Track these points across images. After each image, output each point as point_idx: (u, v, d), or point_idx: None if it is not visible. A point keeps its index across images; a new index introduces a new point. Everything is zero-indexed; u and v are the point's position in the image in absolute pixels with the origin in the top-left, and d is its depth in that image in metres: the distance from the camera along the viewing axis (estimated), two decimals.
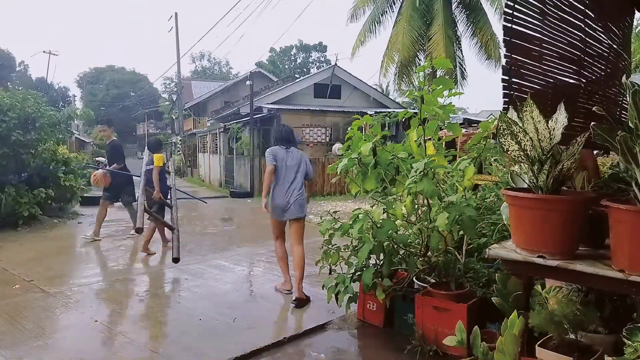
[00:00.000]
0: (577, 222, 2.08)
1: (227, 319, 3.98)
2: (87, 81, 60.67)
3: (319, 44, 55.45)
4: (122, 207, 8.19)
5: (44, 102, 9.11)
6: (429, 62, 3.52)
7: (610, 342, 2.43)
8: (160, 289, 4.87)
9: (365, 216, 3.42)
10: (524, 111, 2.10)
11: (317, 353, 3.35)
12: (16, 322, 3.88)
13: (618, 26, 3.07)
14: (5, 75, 42.94)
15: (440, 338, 3.10)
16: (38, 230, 8.27)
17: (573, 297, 2.59)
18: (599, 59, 2.92)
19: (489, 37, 16.93)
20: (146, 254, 6.32)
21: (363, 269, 3.58)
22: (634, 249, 1.82)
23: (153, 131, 49.56)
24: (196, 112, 31.56)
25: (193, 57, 58.10)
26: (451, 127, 3.50)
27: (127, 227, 8.89)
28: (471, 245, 3.68)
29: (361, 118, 3.86)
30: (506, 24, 2.38)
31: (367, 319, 3.83)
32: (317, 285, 4.51)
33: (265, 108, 16.36)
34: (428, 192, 3.04)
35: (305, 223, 4.71)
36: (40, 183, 8.88)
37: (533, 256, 2.10)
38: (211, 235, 8.19)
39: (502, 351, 2.27)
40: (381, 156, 3.60)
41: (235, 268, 6.04)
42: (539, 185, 2.10)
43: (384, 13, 18.05)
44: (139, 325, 3.89)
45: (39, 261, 5.98)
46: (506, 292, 2.79)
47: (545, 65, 2.57)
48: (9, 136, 7.98)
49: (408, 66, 17.13)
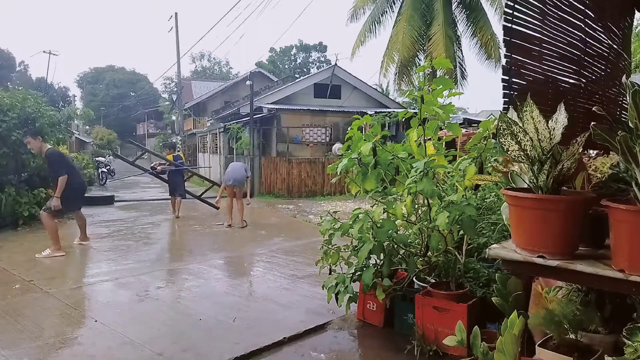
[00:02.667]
0: (577, 222, 2.08)
1: (227, 319, 3.98)
2: (87, 81, 60.72)
3: (319, 44, 55.48)
4: (121, 208, 8.18)
5: (44, 102, 9.12)
6: (429, 62, 3.52)
7: (610, 342, 2.43)
8: (160, 289, 4.87)
9: (365, 216, 3.41)
10: (524, 111, 2.10)
11: (317, 353, 3.35)
12: (16, 322, 3.88)
13: (618, 26, 3.06)
14: (5, 75, 42.95)
15: (440, 338, 3.10)
16: (38, 230, 8.26)
17: (573, 297, 2.59)
18: (599, 59, 2.92)
19: (489, 37, 16.93)
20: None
21: (363, 269, 3.58)
22: (634, 249, 1.82)
23: (153, 131, 49.58)
24: (196, 112, 31.56)
25: (193, 57, 58.14)
26: (451, 127, 3.50)
27: (126, 227, 8.90)
28: (471, 245, 3.69)
29: (361, 118, 3.86)
30: (506, 24, 2.38)
31: (367, 319, 3.83)
32: (317, 285, 4.51)
33: (265, 108, 16.36)
34: (428, 192, 3.04)
35: (305, 223, 4.71)
36: (40, 183, 8.89)
37: (533, 256, 2.10)
38: (211, 235, 8.19)
39: (502, 351, 2.27)
40: (381, 156, 3.60)
41: (236, 268, 6.05)
42: (539, 185, 2.10)
43: (384, 13, 18.04)
44: (139, 325, 3.89)
45: (39, 261, 5.98)
46: (506, 292, 2.80)
47: (545, 65, 2.57)
48: (9, 136, 7.99)
49: (408, 66, 17.13)
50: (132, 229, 8.72)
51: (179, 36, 26.94)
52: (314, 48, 55.79)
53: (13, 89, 12.15)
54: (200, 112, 31.18)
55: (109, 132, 40.73)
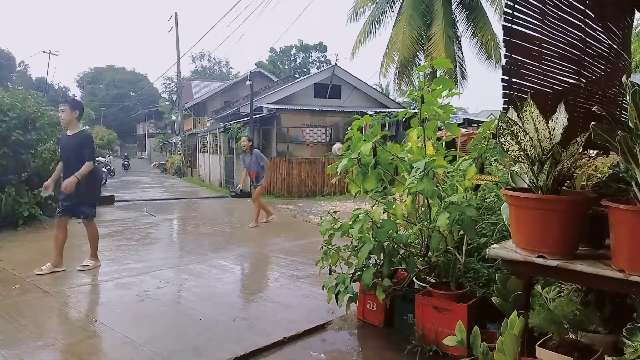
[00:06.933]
0: (577, 222, 2.08)
1: (227, 319, 3.98)
2: (87, 81, 60.76)
3: (319, 44, 55.51)
4: (121, 207, 8.18)
5: (44, 102, 9.12)
6: (429, 62, 3.52)
7: (610, 342, 2.43)
8: (160, 289, 4.86)
9: (365, 216, 3.41)
10: (524, 111, 2.10)
11: (317, 353, 3.35)
12: (16, 322, 3.88)
13: (618, 26, 3.07)
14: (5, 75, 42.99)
15: (440, 338, 3.10)
16: (38, 230, 8.27)
17: (573, 297, 2.60)
18: (599, 59, 2.92)
19: (489, 37, 16.93)
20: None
21: (363, 269, 3.57)
22: (634, 249, 1.82)
23: (153, 131, 49.61)
24: (196, 112, 31.56)
25: (193, 57, 58.20)
26: (449, 127, 3.50)
27: (126, 227, 8.90)
28: (471, 245, 3.68)
29: (361, 118, 3.86)
30: (506, 24, 2.38)
31: (367, 319, 3.83)
32: (317, 285, 4.51)
33: (265, 108, 16.37)
34: (428, 192, 3.04)
35: (305, 223, 4.71)
36: (40, 183, 8.84)
37: (533, 256, 2.10)
38: (211, 235, 8.19)
39: (502, 351, 2.27)
40: (381, 156, 3.60)
41: (235, 268, 6.05)
42: (539, 185, 2.10)
43: (384, 13, 18.04)
44: (139, 325, 3.89)
45: (39, 261, 5.97)
46: (506, 292, 2.79)
47: (545, 65, 2.58)
48: (9, 136, 7.98)
49: (408, 66, 17.13)
50: (132, 229, 8.72)
51: (179, 36, 27.01)
52: (314, 48, 55.83)
53: (13, 89, 12.15)
54: (200, 112, 31.18)
55: (109, 132, 40.79)
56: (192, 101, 31.88)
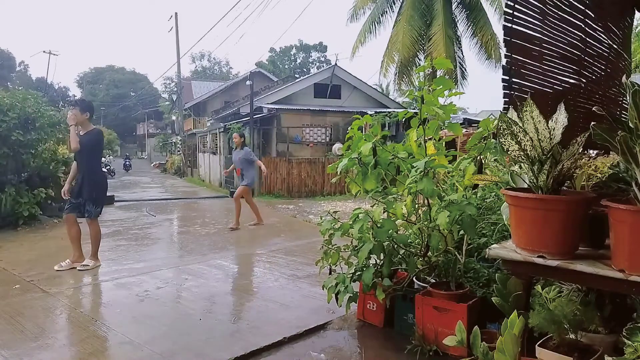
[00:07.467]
0: (577, 222, 2.08)
1: (227, 319, 3.98)
2: (87, 81, 60.78)
3: (319, 44, 55.52)
4: (121, 207, 8.18)
5: (44, 102, 9.10)
6: (429, 62, 3.52)
7: (610, 342, 2.43)
8: (160, 289, 4.86)
9: (365, 216, 3.41)
10: (524, 111, 2.10)
11: (317, 353, 3.35)
12: (16, 322, 3.88)
13: (618, 26, 3.07)
14: (5, 75, 42.99)
15: (440, 338, 3.10)
16: (38, 230, 8.27)
17: (573, 297, 2.60)
18: (599, 59, 2.92)
19: (489, 37, 16.94)
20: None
21: (363, 269, 3.57)
22: (634, 249, 1.82)
23: (153, 131, 49.63)
24: (196, 112, 31.56)
25: (193, 57, 58.21)
26: (451, 127, 3.50)
27: (126, 227, 8.90)
28: (471, 245, 3.68)
29: (361, 118, 3.86)
30: (506, 24, 2.38)
31: (367, 319, 3.83)
32: (317, 285, 4.51)
33: (265, 108, 16.37)
34: (428, 191, 3.04)
35: (305, 223, 4.71)
36: (40, 183, 8.89)
37: (533, 256, 2.10)
38: (211, 235, 8.19)
39: (502, 351, 2.27)
40: (381, 156, 3.60)
41: (235, 268, 6.05)
42: (539, 185, 2.10)
43: (384, 13, 18.05)
44: (139, 325, 3.89)
45: (39, 261, 5.97)
46: (506, 292, 2.79)
47: (545, 65, 2.58)
48: (9, 136, 7.98)
49: (408, 66, 17.14)
50: (132, 229, 8.72)
51: (179, 36, 27.03)
52: (314, 48, 55.84)
53: (13, 89, 12.15)
54: (200, 112, 31.17)
55: (109, 132, 40.75)
56: (192, 101, 31.87)
